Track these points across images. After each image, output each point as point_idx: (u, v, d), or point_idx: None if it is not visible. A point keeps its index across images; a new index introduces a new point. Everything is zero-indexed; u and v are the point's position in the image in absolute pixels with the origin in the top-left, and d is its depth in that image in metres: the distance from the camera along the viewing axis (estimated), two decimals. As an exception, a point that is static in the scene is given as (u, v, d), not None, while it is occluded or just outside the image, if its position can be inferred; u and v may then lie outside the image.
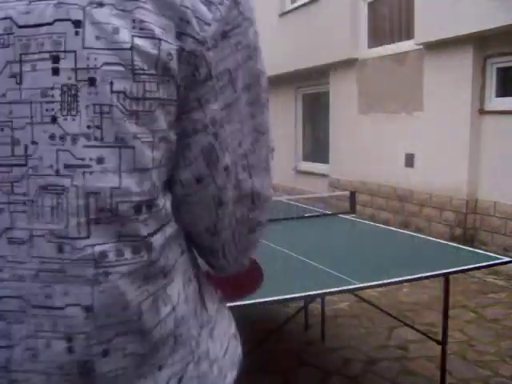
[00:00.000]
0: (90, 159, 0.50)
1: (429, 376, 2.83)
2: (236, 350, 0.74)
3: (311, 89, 8.85)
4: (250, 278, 0.89)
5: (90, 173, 0.51)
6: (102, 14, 0.50)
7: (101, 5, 0.50)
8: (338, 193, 6.71)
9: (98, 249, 0.52)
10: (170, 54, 0.52)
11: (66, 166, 0.51)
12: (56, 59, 0.50)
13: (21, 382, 0.54)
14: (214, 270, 0.73)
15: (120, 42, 0.50)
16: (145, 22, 0.51)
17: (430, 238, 3.12)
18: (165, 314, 0.59)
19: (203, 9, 0.54)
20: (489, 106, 5.39)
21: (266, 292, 1.06)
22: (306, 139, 9.26)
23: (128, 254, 0.53)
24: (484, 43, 5.30)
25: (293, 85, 9.08)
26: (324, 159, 8.33)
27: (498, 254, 2.97)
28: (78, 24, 0.50)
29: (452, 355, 2.99)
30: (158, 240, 0.56)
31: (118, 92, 0.50)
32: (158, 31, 0.51)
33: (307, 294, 2.02)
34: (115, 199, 0.51)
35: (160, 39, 0.51)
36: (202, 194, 0.60)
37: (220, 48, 0.55)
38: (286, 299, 2.00)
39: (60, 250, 0.52)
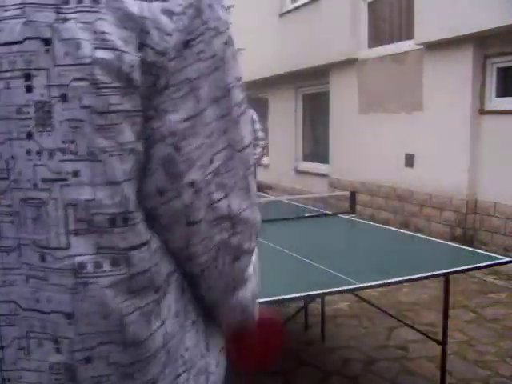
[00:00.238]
0: (67, 173, 0.52)
1: (429, 376, 2.83)
2: (224, 362, 0.75)
3: (311, 89, 8.85)
4: (264, 341, 0.78)
5: (67, 185, 0.52)
6: (67, 30, 0.51)
7: (65, 20, 0.51)
8: (337, 193, 6.71)
9: (77, 260, 0.54)
10: (132, 65, 0.52)
11: (44, 180, 0.52)
12: (28, 77, 0.51)
13: (13, 380, 0.57)
14: (213, 313, 0.71)
15: (82, 56, 0.50)
16: (106, 33, 0.51)
17: (430, 238, 3.12)
18: (155, 327, 0.59)
19: (164, 19, 0.53)
20: (489, 106, 5.39)
21: (266, 292, 1.06)
22: (305, 139, 9.26)
23: (106, 266, 0.54)
24: (484, 43, 5.31)
25: (293, 85, 9.08)
26: (324, 159, 8.33)
27: (497, 253, 2.97)
28: (47, 42, 0.51)
29: (452, 355, 2.99)
30: (139, 255, 0.56)
31: (86, 107, 0.51)
32: (119, 43, 0.51)
33: (307, 294, 2.02)
34: (91, 211, 0.53)
35: (122, 51, 0.51)
36: (166, 208, 0.58)
37: (182, 58, 0.54)
38: (286, 299, 2.00)
39: (43, 259, 0.54)
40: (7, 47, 0.52)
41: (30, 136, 0.52)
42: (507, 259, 2.41)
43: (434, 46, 5.78)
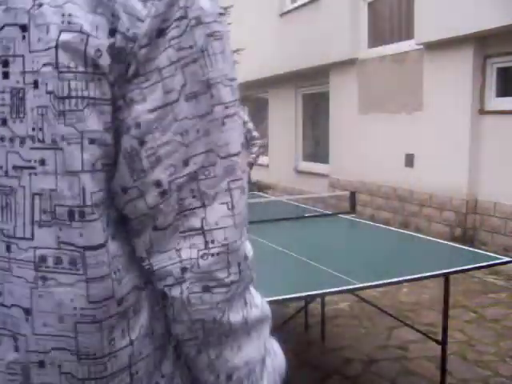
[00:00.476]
0: (35, 161, 0.51)
1: (429, 376, 2.82)
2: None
3: (311, 89, 8.85)
4: None
5: (35, 174, 0.51)
6: (42, 15, 0.50)
7: (40, 5, 0.50)
8: (337, 193, 6.71)
9: (39, 252, 0.53)
10: (99, 50, 0.49)
11: (14, 168, 0.52)
12: (6, 63, 0.51)
13: None
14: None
15: (49, 40, 0.49)
16: (73, 15, 0.50)
17: (430, 238, 3.12)
18: (120, 346, 0.55)
19: (137, 5, 0.51)
20: (489, 106, 5.39)
21: (265, 292, 1.06)
22: (306, 139, 9.25)
23: (66, 264, 0.53)
24: (484, 43, 5.30)
25: (293, 85, 9.08)
26: (324, 159, 8.33)
27: (497, 254, 2.96)
28: (24, 28, 0.50)
29: (452, 355, 2.99)
30: (96, 257, 0.53)
31: (50, 92, 0.50)
32: (86, 26, 0.49)
33: (307, 294, 2.02)
34: (53, 201, 0.52)
35: (88, 34, 0.49)
36: (131, 208, 0.54)
37: (154, 46, 0.51)
38: (286, 299, 2.00)
39: (8, 248, 0.53)
40: None
41: (4, 122, 0.52)
42: (507, 259, 2.41)
43: (434, 46, 5.78)
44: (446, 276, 2.36)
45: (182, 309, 0.56)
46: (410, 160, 6.34)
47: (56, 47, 0.49)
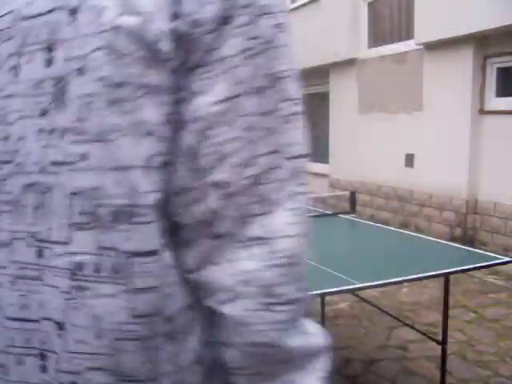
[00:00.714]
0: (76, 155, 0.45)
1: (429, 376, 2.82)
2: None
3: (311, 89, 8.85)
4: None
5: (76, 170, 0.45)
6: None
7: None
8: (337, 193, 6.71)
9: (76, 258, 0.46)
10: (160, 34, 0.44)
11: (53, 163, 0.46)
12: (50, 50, 0.46)
13: None
14: None
15: (103, 23, 0.44)
16: None
17: (430, 238, 3.12)
18: (164, 371, 0.49)
19: None
20: (489, 106, 5.39)
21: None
22: (305, 139, 9.24)
23: (106, 272, 0.46)
24: (484, 43, 5.30)
25: (293, 85, 9.08)
26: (324, 159, 8.33)
27: (497, 254, 2.96)
28: (73, 11, 0.45)
29: (452, 355, 2.99)
30: (144, 265, 0.46)
31: (101, 79, 0.44)
32: (147, 8, 0.44)
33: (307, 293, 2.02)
34: (95, 201, 0.46)
35: (149, 17, 0.44)
36: (188, 213, 0.48)
37: (220, 33, 0.46)
38: (286, 299, 2.00)
39: (40, 254, 0.47)
40: (35, 19, 0.47)
41: (43, 114, 0.46)
42: (507, 259, 2.41)
43: (434, 46, 5.78)
44: (446, 276, 2.36)
45: (235, 329, 0.48)
46: (410, 160, 6.34)
47: (112, 30, 0.44)
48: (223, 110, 0.46)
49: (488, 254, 2.64)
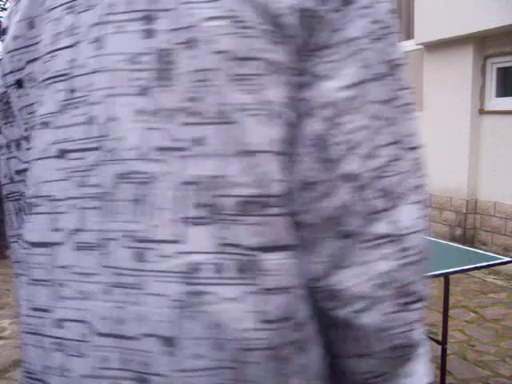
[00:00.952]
0: (189, 140, 0.39)
1: (429, 376, 2.82)
2: None
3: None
4: None
5: (189, 157, 0.39)
6: None
7: None
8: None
9: (192, 258, 0.39)
10: (287, 8, 0.39)
11: (158, 149, 0.39)
12: (149, 19, 0.40)
13: None
14: None
15: None
16: None
17: (430, 238, 3.12)
18: None
19: None
20: (489, 106, 5.39)
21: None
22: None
23: (230, 272, 0.39)
24: (484, 43, 5.30)
25: (293, 85, 9.08)
26: (324, 159, 8.32)
27: (498, 253, 2.97)
28: None
29: (452, 355, 2.99)
30: (275, 261, 0.40)
31: (222, 52, 0.39)
32: None
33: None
34: (216, 191, 0.39)
35: None
36: (315, 209, 0.42)
37: (345, 12, 0.42)
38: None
39: (140, 257, 0.40)
40: None
41: (144, 92, 0.39)
42: (507, 259, 2.41)
43: (434, 46, 5.78)
44: (446, 276, 2.35)
45: (375, 337, 0.43)
46: (409, 160, 6.34)
47: None
48: (352, 96, 0.42)
49: (488, 254, 2.64)
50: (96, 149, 0.41)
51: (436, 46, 5.75)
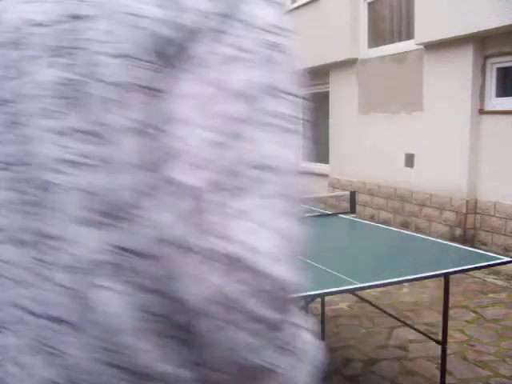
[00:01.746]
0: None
1: (429, 376, 2.82)
2: None
3: (311, 89, 8.85)
4: None
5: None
6: None
7: None
8: (337, 193, 6.71)
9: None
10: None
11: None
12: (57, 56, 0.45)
13: None
14: None
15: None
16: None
17: (430, 238, 3.12)
18: None
19: None
20: (489, 106, 5.39)
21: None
22: (305, 139, 9.24)
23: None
24: (484, 43, 5.31)
25: (293, 85, 9.07)
26: (324, 159, 8.33)
27: (498, 253, 2.97)
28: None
29: (452, 355, 2.99)
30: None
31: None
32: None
33: (307, 294, 2.02)
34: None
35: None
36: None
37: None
38: (286, 299, 2.00)
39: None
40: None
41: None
42: (507, 259, 2.41)
43: (434, 46, 5.78)
44: (446, 276, 2.36)
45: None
46: (410, 160, 6.34)
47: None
48: None
49: (488, 254, 2.64)
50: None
51: (436, 46, 5.75)
